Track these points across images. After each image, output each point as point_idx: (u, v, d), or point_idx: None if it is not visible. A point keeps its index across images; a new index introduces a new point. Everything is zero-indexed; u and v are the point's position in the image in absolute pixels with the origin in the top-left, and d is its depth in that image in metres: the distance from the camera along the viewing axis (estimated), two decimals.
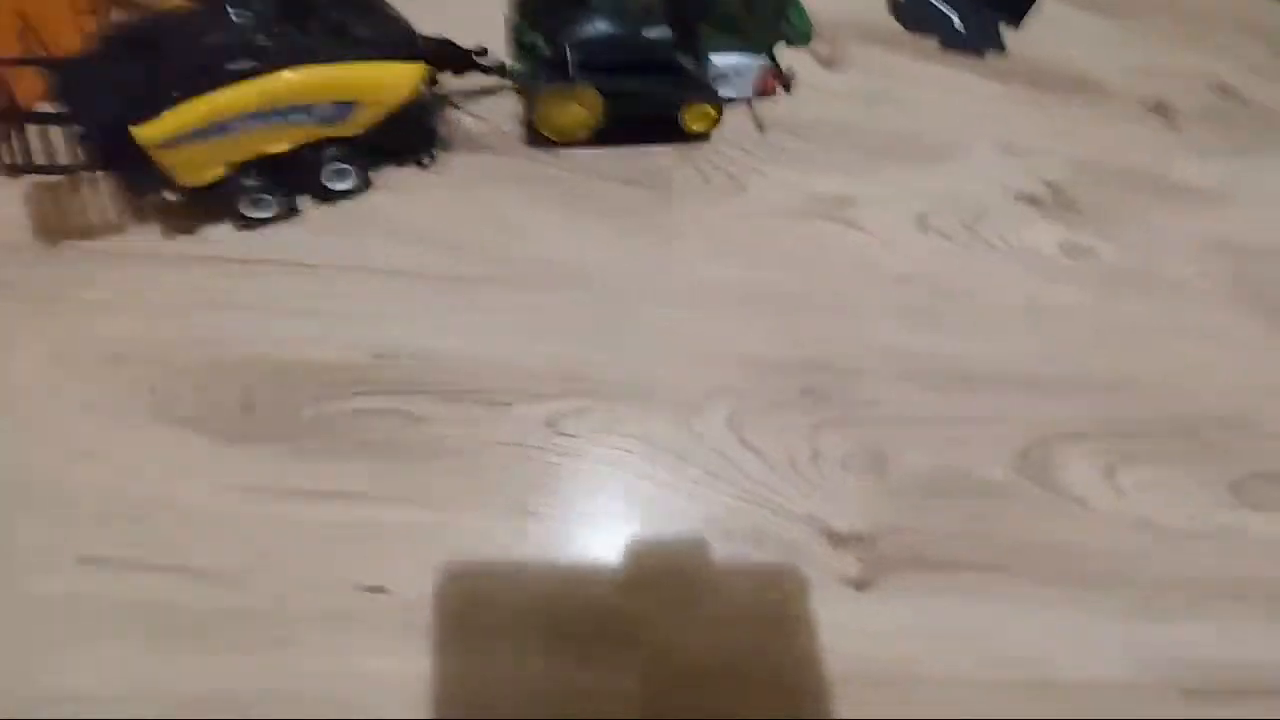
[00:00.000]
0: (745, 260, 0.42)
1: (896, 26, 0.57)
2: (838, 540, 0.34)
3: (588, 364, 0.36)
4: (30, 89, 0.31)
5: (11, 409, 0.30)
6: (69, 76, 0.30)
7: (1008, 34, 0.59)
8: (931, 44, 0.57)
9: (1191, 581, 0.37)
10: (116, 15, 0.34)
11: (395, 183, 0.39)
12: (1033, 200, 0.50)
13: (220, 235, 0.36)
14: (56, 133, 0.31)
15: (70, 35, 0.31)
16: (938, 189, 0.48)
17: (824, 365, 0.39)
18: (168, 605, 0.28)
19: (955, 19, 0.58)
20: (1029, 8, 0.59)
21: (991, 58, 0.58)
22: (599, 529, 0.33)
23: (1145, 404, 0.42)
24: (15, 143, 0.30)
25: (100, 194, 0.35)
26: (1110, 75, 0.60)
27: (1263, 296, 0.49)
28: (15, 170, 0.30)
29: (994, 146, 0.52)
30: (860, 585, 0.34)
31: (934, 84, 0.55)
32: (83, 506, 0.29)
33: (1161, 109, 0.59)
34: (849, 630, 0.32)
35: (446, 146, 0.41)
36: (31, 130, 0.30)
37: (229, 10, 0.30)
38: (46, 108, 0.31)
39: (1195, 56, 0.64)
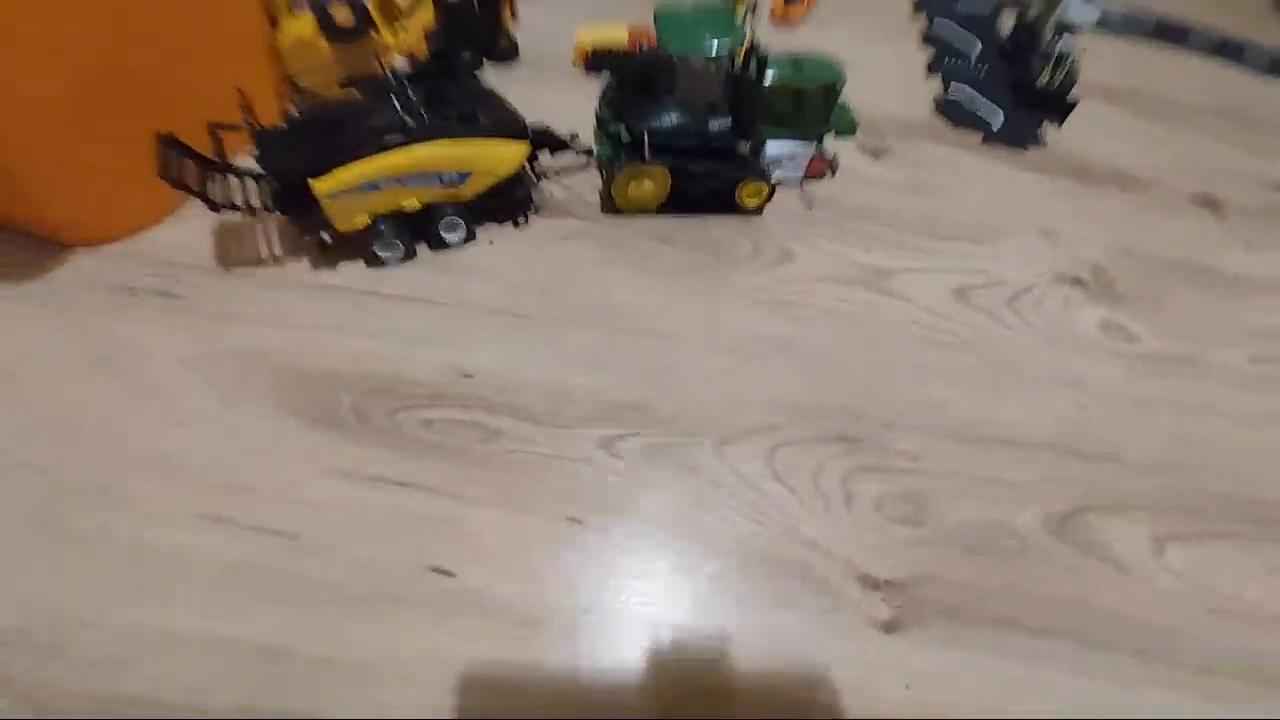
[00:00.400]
0: (789, 319, 0.46)
1: (940, 123, 0.63)
2: (869, 582, 0.36)
3: (641, 398, 0.41)
4: (236, 147, 0.41)
5: (160, 393, 0.38)
6: (267, 141, 0.40)
7: (1050, 131, 0.64)
8: (974, 139, 0.62)
9: (1236, 666, 0.35)
10: (307, 100, 0.44)
11: (495, 237, 0.47)
12: (1075, 282, 0.53)
13: (353, 270, 0.44)
14: (250, 182, 0.40)
15: (273, 112, 0.41)
16: (978, 267, 0.52)
17: (861, 415, 0.42)
18: (265, 564, 0.33)
19: (998, 117, 0.63)
20: (1071, 110, 0.64)
21: (1034, 152, 0.62)
22: (638, 542, 0.36)
23: (1195, 482, 0.42)
24: (219, 186, 0.39)
25: (269, 235, 0.45)
26: (1156, 171, 0.63)
27: None
28: (216, 207, 0.39)
29: (1035, 231, 0.55)
30: (890, 629, 0.35)
31: (975, 174, 0.59)
32: (208, 475, 0.35)
33: (1209, 203, 0.61)
34: (874, 671, 0.33)
35: (538, 210, 0.49)
36: (232, 179, 0.40)
37: (393, 100, 0.39)
38: (247, 163, 0.41)
39: (1245, 157, 0.66)
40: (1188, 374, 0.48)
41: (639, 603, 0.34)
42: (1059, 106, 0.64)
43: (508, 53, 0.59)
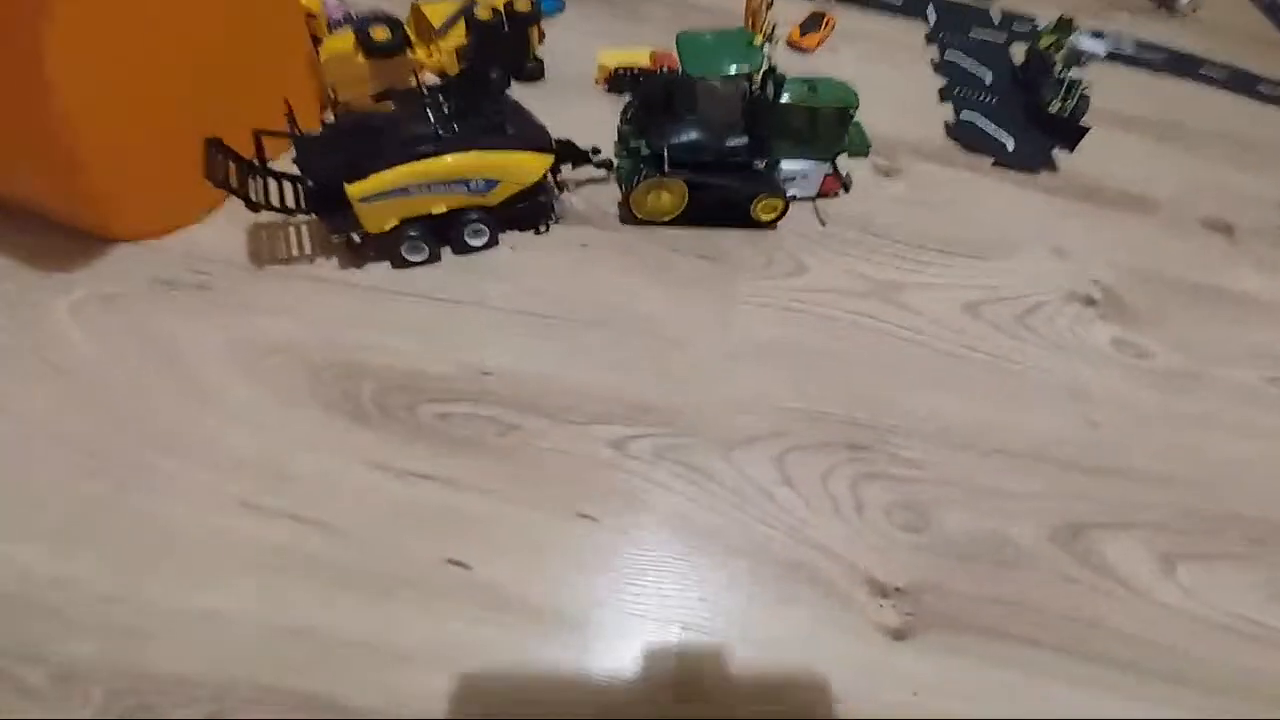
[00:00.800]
0: (800, 328, 0.47)
1: (951, 145, 0.65)
2: (877, 588, 0.36)
3: (654, 399, 0.42)
4: (276, 153, 0.43)
5: (196, 382, 0.39)
6: (306, 147, 0.42)
7: (1061, 156, 0.65)
8: (985, 162, 0.63)
9: (1240, 686, 0.35)
10: (345, 111, 0.47)
11: (517, 243, 0.49)
12: (1086, 300, 0.53)
13: (380, 271, 0.46)
14: (287, 185, 0.43)
15: (313, 121, 0.44)
16: (989, 283, 0.53)
17: (869, 424, 0.43)
18: (292, 546, 0.34)
19: (1009, 142, 0.65)
20: (1082, 135, 0.65)
21: (1045, 175, 0.63)
22: (648, 541, 0.36)
23: (1203, 501, 0.42)
24: (259, 188, 0.42)
25: (301, 234, 0.47)
26: (1167, 194, 0.63)
27: None
28: (255, 207, 0.41)
29: (1046, 249, 0.56)
30: (898, 636, 0.35)
31: (987, 194, 0.61)
32: (245, 462, 0.36)
33: (1220, 226, 0.61)
34: (881, 677, 0.33)
35: (559, 219, 0.51)
36: (271, 181, 0.42)
37: (427, 112, 0.41)
38: (286, 167, 0.43)
39: (1256, 181, 0.67)
40: (1198, 392, 0.48)
41: (648, 601, 0.34)
42: (1070, 132, 0.65)
43: (534, 72, 0.62)
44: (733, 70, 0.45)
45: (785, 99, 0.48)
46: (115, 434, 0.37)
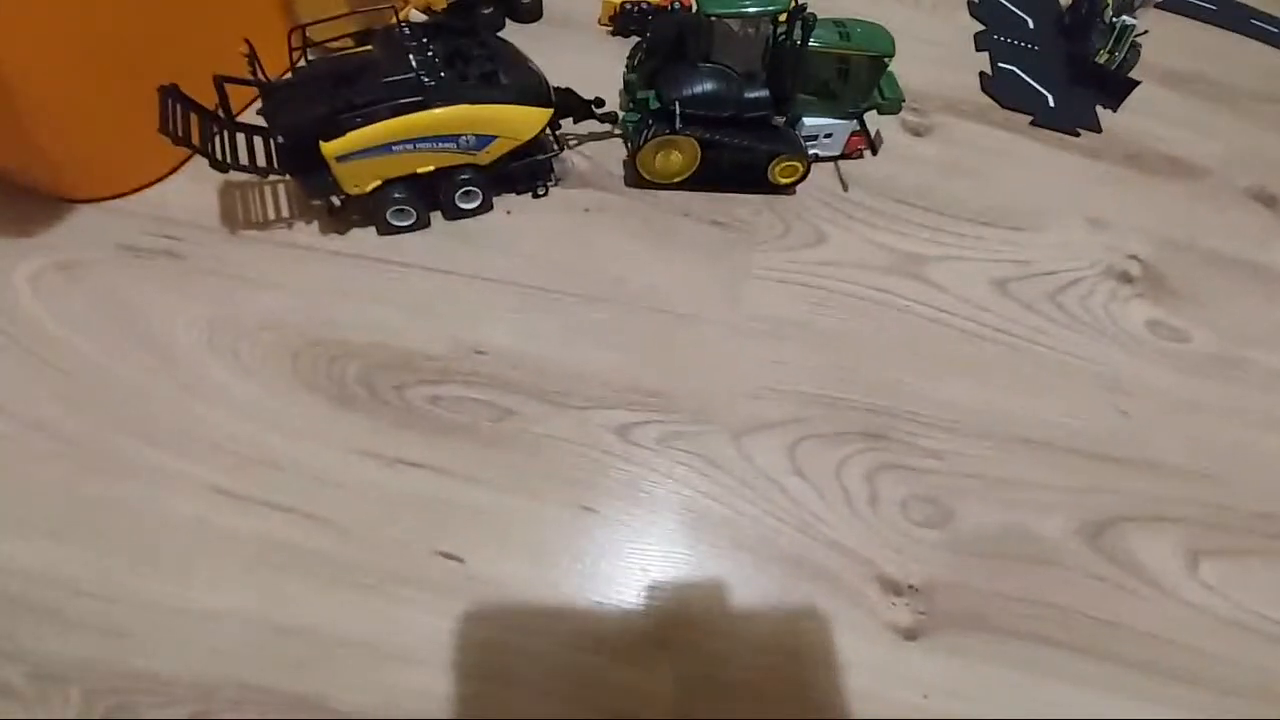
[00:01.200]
0: (817, 304, 0.44)
1: (988, 102, 0.59)
2: (890, 586, 0.35)
3: (660, 382, 0.39)
4: (243, 103, 0.39)
5: (172, 359, 0.37)
6: (276, 97, 0.37)
7: (1104, 115, 0.60)
8: (1022, 120, 0.58)
9: (1259, 687, 0.34)
10: (318, 54, 0.42)
11: (512, 206, 0.45)
12: (1123, 276, 0.50)
13: (365, 238, 0.42)
14: (257, 140, 0.38)
15: (282, 65, 0.39)
16: (1021, 257, 0.49)
17: (887, 411, 0.40)
18: (278, 540, 0.32)
19: (1050, 97, 0.59)
20: (1129, 91, 0.60)
21: (1085, 137, 0.58)
22: (651, 534, 0.35)
23: (1236, 497, 0.40)
24: (225, 145, 0.37)
25: (278, 195, 0.43)
26: (1211, 160, 0.59)
27: None
28: (221, 167, 0.37)
29: (1083, 220, 0.52)
30: (909, 635, 0.33)
31: (1022, 157, 0.56)
32: (223, 449, 0.34)
33: (1264, 197, 0.57)
34: (891, 677, 0.32)
35: (559, 180, 0.46)
36: (239, 136, 0.38)
37: (409, 58, 0.37)
38: (254, 120, 0.38)
39: None
40: (1237, 379, 0.45)
41: (650, 595, 0.33)
42: (1117, 87, 0.60)
43: (531, 9, 0.56)
44: (755, 10, 0.40)
45: (813, 45, 0.42)
46: (84, 417, 0.34)
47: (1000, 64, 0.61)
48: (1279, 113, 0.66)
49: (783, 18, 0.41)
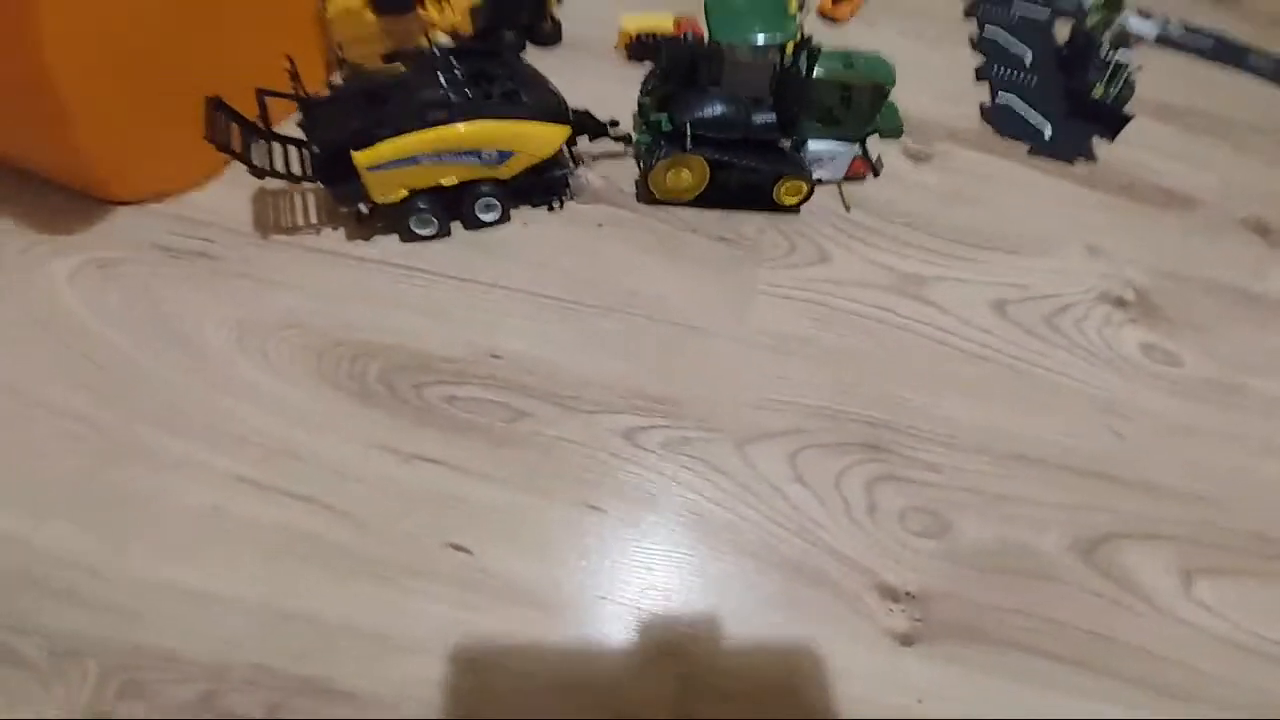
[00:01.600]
0: (820, 319, 0.46)
1: (987, 130, 0.61)
2: (887, 592, 0.36)
3: (667, 390, 0.41)
4: (281, 115, 0.41)
5: (202, 356, 0.38)
6: (313, 111, 0.40)
7: (1101, 146, 0.62)
8: (1020, 149, 0.60)
9: (1255, 705, 0.34)
10: (352, 71, 0.44)
11: (529, 219, 0.47)
12: (1118, 302, 0.51)
13: (389, 245, 0.44)
14: (292, 149, 0.41)
15: (318, 81, 0.41)
16: (1018, 281, 0.51)
17: (887, 424, 0.41)
18: (296, 528, 0.33)
19: (1047, 128, 0.61)
20: (1123, 125, 0.62)
21: (1081, 166, 0.60)
22: (655, 535, 0.36)
23: (1230, 518, 0.41)
24: (262, 152, 0.40)
25: (307, 202, 0.45)
26: (1206, 192, 0.61)
27: None
28: (259, 173, 0.39)
29: (1079, 247, 0.54)
30: (905, 641, 0.34)
31: (1020, 184, 0.58)
32: (247, 440, 0.36)
33: (1259, 227, 0.59)
34: (887, 682, 0.33)
35: (574, 195, 0.49)
36: (276, 146, 0.40)
37: (439, 76, 0.39)
38: (291, 131, 0.41)
39: None
40: (1231, 403, 0.46)
41: (653, 596, 0.34)
42: (1112, 120, 0.62)
43: (551, 35, 0.59)
44: (764, 40, 0.42)
45: (818, 74, 0.45)
46: (114, 407, 0.36)
47: (999, 95, 0.64)
48: (1273, 145, 0.68)
49: (789, 47, 0.44)
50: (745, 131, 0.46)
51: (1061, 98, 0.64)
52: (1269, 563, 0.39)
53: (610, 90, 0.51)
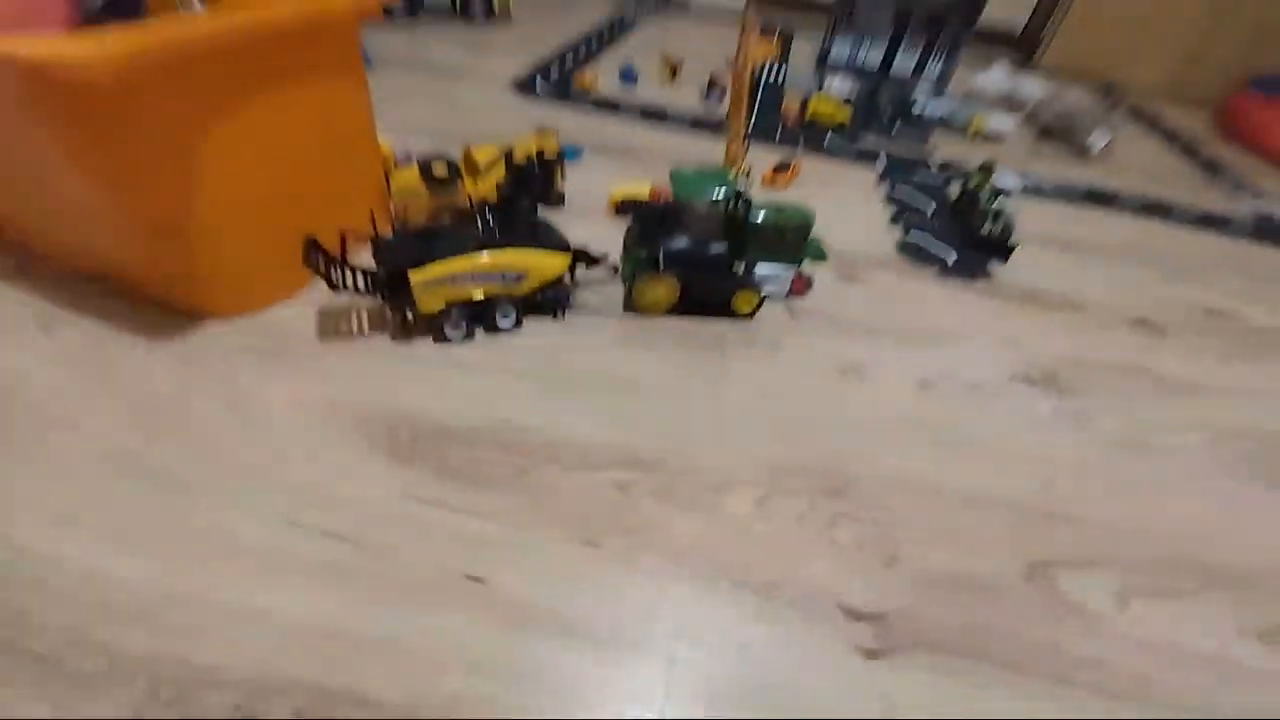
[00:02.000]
0: (777, 395, 0.55)
1: (903, 260, 0.77)
2: (851, 613, 0.40)
3: (653, 451, 0.49)
4: (351, 249, 0.55)
5: (261, 424, 0.47)
6: (382, 244, 0.53)
7: (996, 268, 0.77)
8: (932, 271, 0.75)
9: (1203, 707, 0.37)
10: (409, 219, 0.59)
11: (538, 326, 0.59)
12: (1028, 379, 0.61)
13: (424, 345, 0.55)
14: (360, 274, 0.53)
15: (385, 228, 0.56)
16: (941, 364, 0.61)
17: (839, 474, 0.49)
18: (332, 561, 0.39)
19: (951, 256, 0.77)
20: (1011, 251, 0.78)
21: (982, 283, 0.75)
22: (643, 565, 0.41)
23: (1150, 547, 0.46)
24: (339, 275, 0.52)
25: (360, 316, 0.57)
26: (1094, 299, 0.74)
27: (1262, 471, 0.54)
28: (336, 288, 0.51)
29: (990, 339, 0.66)
30: (872, 655, 0.38)
31: (934, 296, 0.71)
32: (296, 489, 0.43)
33: (1146, 324, 0.71)
34: (856, 692, 0.36)
35: (574, 307, 0.61)
36: (348, 270, 0.53)
37: (476, 222, 0.54)
38: (361, 260, 0.54)
39: (1174, 289, 0.78)
40: (1138, 454, 0.54)
41: (642, 616, 0.38)
42: (1001, 249, 0.78)
43: (558, 201, 0.76)
44: (713, 195, 0.58)
45: (760, 217, 0.60)
46: (188, 463, 0.43)
47: (910, 233, 0.81)
48: (1148, 264, 0.83)
49: (734, 200, 0.60)
50: (704, 258, 0.60)
51: (959, 235, 0.81)
52: (1191, 584, 0.44)
53: (601, 236, 0.67)
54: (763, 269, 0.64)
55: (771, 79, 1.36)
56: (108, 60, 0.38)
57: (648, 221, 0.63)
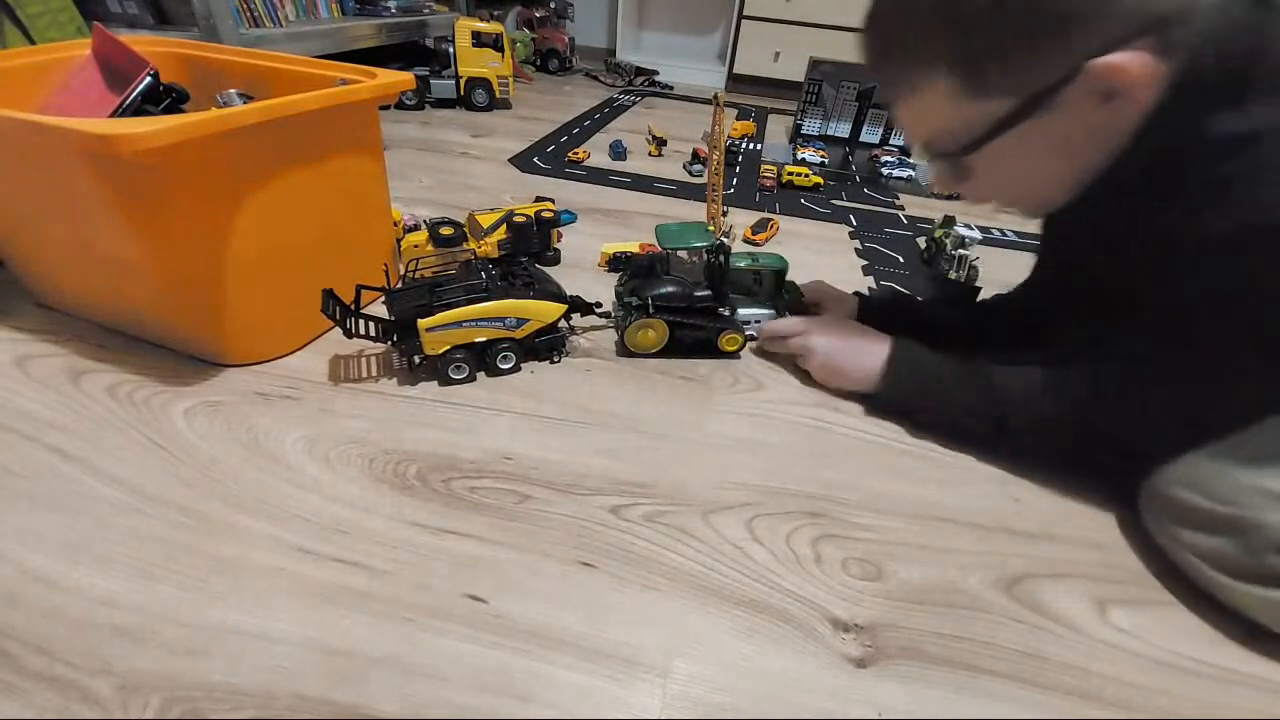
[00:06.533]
0: (762, 427, 0.58)
1: None
2: (839, 624, 0.42)
3: (644, 479, 0.51)
4: (369, 299, 0.59)
5: (280, 460, 0.49)
6: (394, 295, 0.58)
7: None
8: None
9: (1186, 711, 0.38)
10: (415, 272, 0.64)
11: (536, 369, 0.63)
12: None
13: (429, 387, 0.59)
14: (372, 323, 0.58)
15: (395, 280, 0.61)
16: None
17: (823, 498, 0.51)
18: (341, 584, 0.40)
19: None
20: (977, 293, 0.84)
21: None
22: (636, 583, 0.43)
23: (1123, 558, 0.48)
24: (354, 324, 0.56)
25: (369, 362, 0.60)
26: None
27: None
28: (350, 336, 0.55)
29: None
30: (860, 664, 0.39)
31: None
32: (307, 519, 0.45)
33: None
34: (847, 700, 0.37)
35: (569, 351, 0.65)
36: (361, 319, 0.57)
37: (480, 274, 0.59)
38: (372, 309, 0.58)
39: None
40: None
41: (637, 630, 0.40)
42: (968, 292, 0.84)
43: (554, 259, 0.83)
44: (694, 244, 0.64)
45: (740, 265, 0.66)
46: (205, 498, 0.46)
47: (882, 283, 0.87)
48: None
49: (715, 249, 0.65)
50: (690, 302, 0.65)
51: (927, 282, 0.87)
52: (1166, 593, 0.46)
53: (594, 288, 0.72)
54: (744, 311, 0.69)
55: (750, 148, 1.48)
56: (159, 135, 0.44)
57: (637, 270, 0.69)
